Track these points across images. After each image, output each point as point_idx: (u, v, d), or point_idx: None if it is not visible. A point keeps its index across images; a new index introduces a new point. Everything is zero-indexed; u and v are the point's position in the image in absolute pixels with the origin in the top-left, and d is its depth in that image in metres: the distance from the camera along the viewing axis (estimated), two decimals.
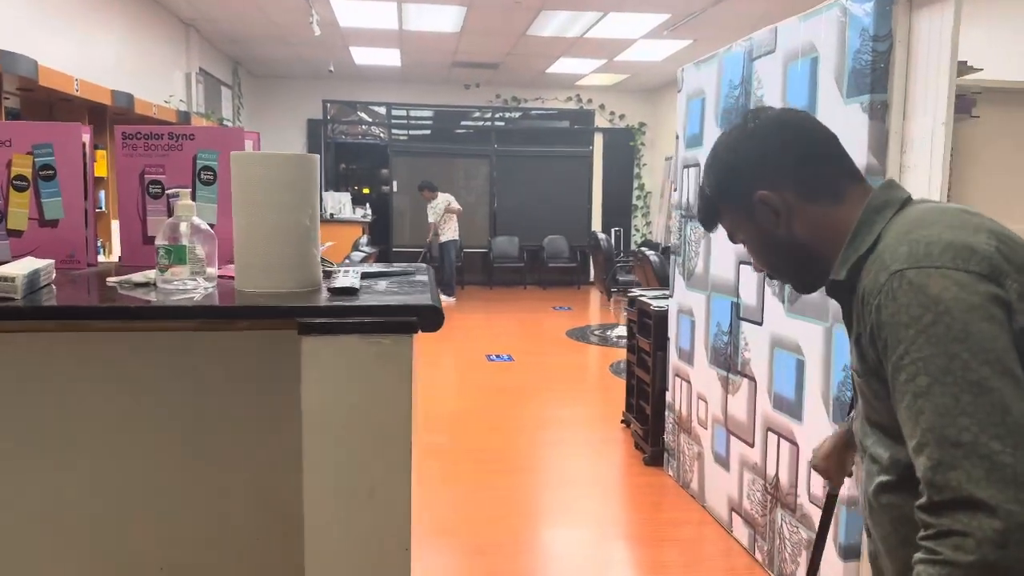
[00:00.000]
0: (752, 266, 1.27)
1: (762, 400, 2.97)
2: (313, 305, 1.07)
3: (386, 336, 1.02)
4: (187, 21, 7.84)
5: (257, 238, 1.14)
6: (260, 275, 1.15)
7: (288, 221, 1.15)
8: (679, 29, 7.62)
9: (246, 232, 1.15)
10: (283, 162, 1.16)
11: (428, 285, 1.26)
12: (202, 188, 1.49)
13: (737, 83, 3.18)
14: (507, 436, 4.65)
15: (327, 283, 1.22)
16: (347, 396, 1.02)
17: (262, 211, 1.14)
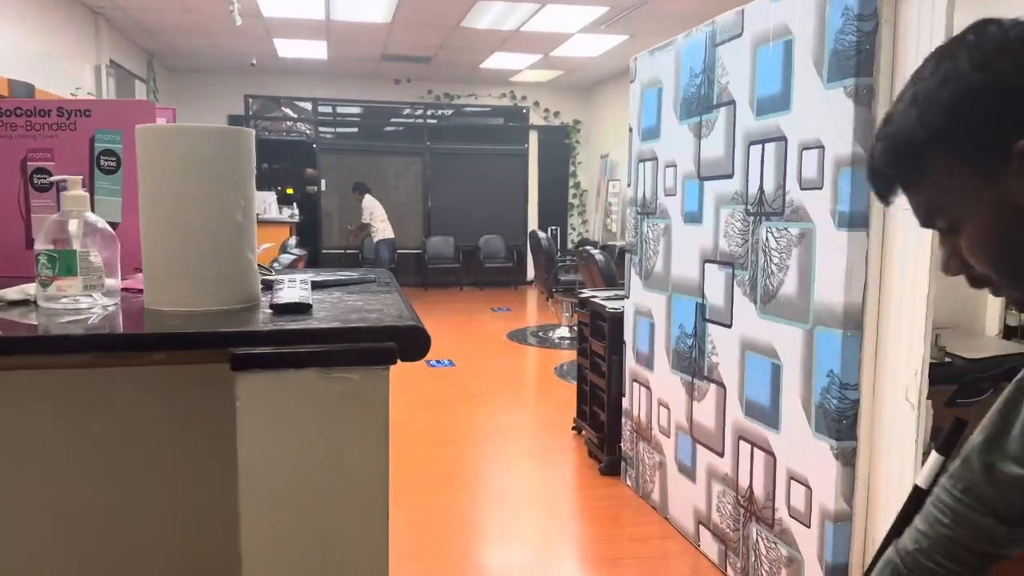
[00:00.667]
0: (948, 266, 0.83)
1: (732, 407, 2.79)
2: (251, 330, 0.79)
3: (354, 370, 0.76)
4: (96, 9, 7.30)
5: (172, 239, 0.86)
6: (177, 289, 0.87)
7: (213, 216, 0.86)
8: (616, 23, 7.48)
9: (157, 231, 0.87)
10: (206, 137, 0.87)
11: (399, 297, 1.00)
12: (102, 177, 1.19)
13: (699, 71, 2.99)
14: (452, 449, 4.38)
15: (268, 297, 0.94)
16: (300, 453, 0.75)
17: (178, 203, 0.85)
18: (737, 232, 2.73)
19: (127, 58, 8.54)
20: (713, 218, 2.89)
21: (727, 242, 2.80)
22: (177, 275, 0.87)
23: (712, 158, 2.90)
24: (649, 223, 3.44)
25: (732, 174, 2.76)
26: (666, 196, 3.28)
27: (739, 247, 2.72)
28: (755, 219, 2.62)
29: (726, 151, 2.80)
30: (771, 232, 2.53)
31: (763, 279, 2.58)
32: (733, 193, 2.75)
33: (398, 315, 0.87)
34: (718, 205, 2.86)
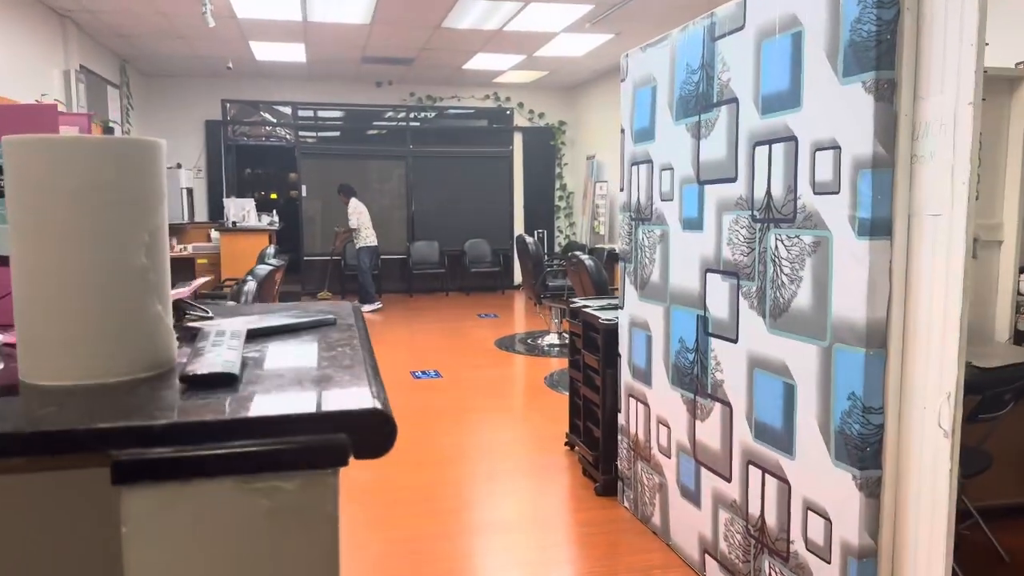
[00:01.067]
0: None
1: (740, 428, 2.59)
2: (139, 425, 0.57)
3: (289, 476, 0.54)
4: (62, 12, 7.02)
5: (50, 289, 0.64)
6: (58, 356, 0.65)
7: (107, 257, 0.65)
8: (602, 22, 7.28)
9: (30, 278, 0.65)
10: (96, 152, 0.65)
11: (361, 351, 0.79)
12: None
13: (696, 67, 2.79)
14: (439, 469, 4.16)
15: (188, 358, 0.73)
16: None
17: (59, 240, 0.63)
18: (742, 240, 2.53)
19: (99, 63, 8.26)
20: (715, 225, 2.69)
21: (731, 250, 2.59)
22: (58, 337, 0.65)
23: (713, 160, 2.70)
24: (644, 230, 3.24)
25: (736, 177, 2.56)
26: (662, 201, 3.07)
27: (744, 256, 2.52)
28: (762, 226, 2.42)
29: (728, 153, 2.60)
30: (781, 240, 2.33)
31: (773, 291, 2.38)
32: (737, 198, 2.55)
33: (355, 388, 0.66)
34: (720, 211, 2.66)
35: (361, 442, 0.58)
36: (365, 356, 0.77)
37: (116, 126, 8.52)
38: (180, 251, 9.17)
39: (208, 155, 10.79)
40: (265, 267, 5.55)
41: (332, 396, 0.64)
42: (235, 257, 8.60)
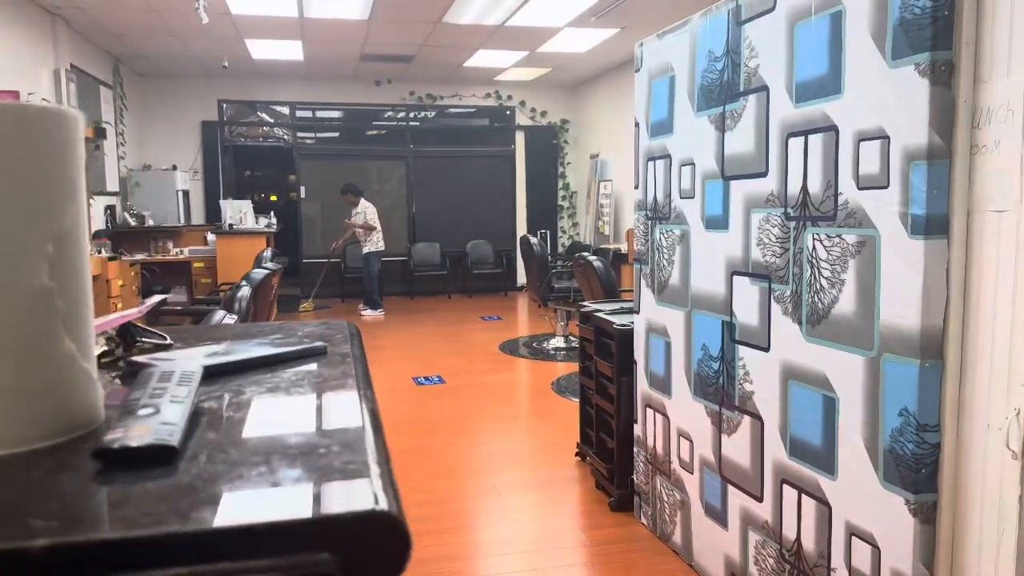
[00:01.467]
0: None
1: (773, 444, 2.39)
2: (13, 549, 0.36)
3: None
4: (51, 10, 6.83)
5: None
6: None
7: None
8: (607, 16, 7.09)
9: None
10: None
11: (360, 402, 0.59)
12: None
13: (720, 53, 2.59)
14: (443, 483, 3.96)
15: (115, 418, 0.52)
16: None
17: None
18: (774, 240, 2.33)
19: (91, 63, 8.07)
20: (742, 223, 2.49)
21: (761, 251, 2.40)
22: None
23: (739, 154, 2.50)
24: (662, 229, 3.04)
25: (766, 172, 2.36)
26: (682, 199, 2.87)
27: (777, 257, 2.32)
28: (798, 224, 2.22)
29: (757, 145, 2.40)
30: (819, 240, 2.13)
31: (810, 296, 2.18)
32: (768, 194, 2.35)
33: (349, 476, 0.45)
34: (748, 208, 2.46)
35: (356, 564, 0.38)
36: (365, 412, 0.57)
37: (108, 127, 8.32)
38: (176, 255, 8.98)
39: (205, 156, 10.59)
40: (261, 271, 5.35)
41: (311, 489, 0.44)
42: (232, 261, 8.39)
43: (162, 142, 10.20)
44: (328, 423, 0.57)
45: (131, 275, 7.82)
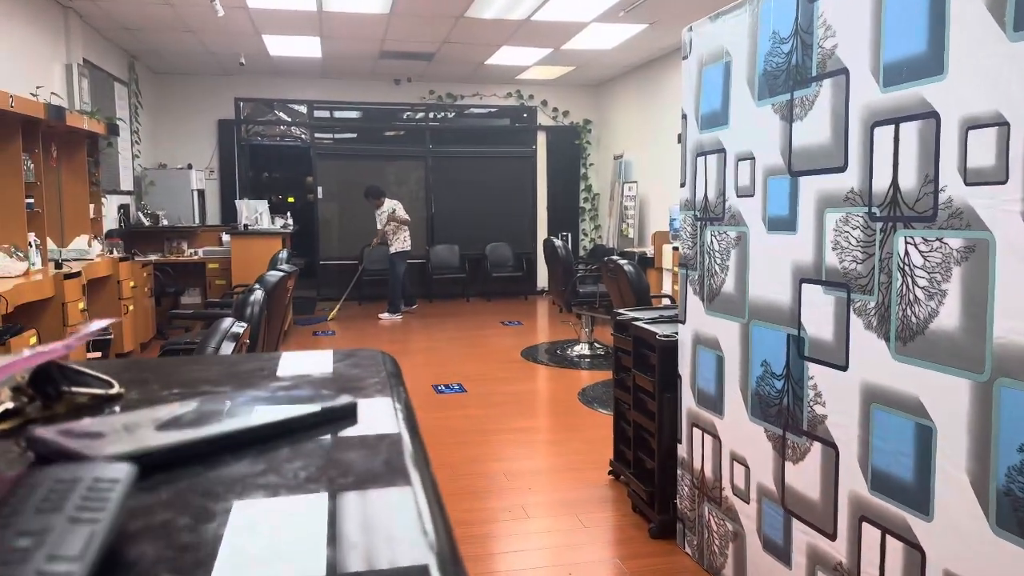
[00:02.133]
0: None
1: (850, 475, 2.10)
2: None
3: None
4: (64, 3, 6.63)
5: None
6: None
7: None
8: (636, 10, 6.80)
9: None
10: None
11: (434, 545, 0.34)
12: None
13: (787, 34, 2.31)
14: (466, 503, 3.69)
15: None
16: None
17: None
18: (855, 243, 2.04)
19: (105, 59, 7.87)
20: (814, 224, 2.21)
21: (838, 256, 2.11)
22: None
23: (811, 146, 2.22)
24: (714, 231, 2.76)
25: (844, 166, 2.08)
26: (739, 197, 2.59)
27: (858, 263, 2.03)
28: (885, 226, 1.94)
29: (834, 136, 2.12)
30: (913, 244, 1.84)
31: (901, 308, 1.89)
32: (847, 191, 2.07)
33: None
34: (822, 207, 2.17)
35: None
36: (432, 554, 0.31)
37: (123, 124, 8.13)
38: (191, 256, 8.78)
39: (221, 156, 10.39)
40: (276, 274, 5.10)
41: None
42: (247, 262, 8.17)
43: (178, 141, 10.01)
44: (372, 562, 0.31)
45: (143, 276, 7.61)
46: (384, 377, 0.57)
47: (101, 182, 7.08)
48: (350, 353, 0.64)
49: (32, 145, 5.24)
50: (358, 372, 0.58)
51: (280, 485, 0.40)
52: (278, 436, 0.45)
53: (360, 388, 0.55)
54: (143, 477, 0.36)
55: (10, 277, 4.66)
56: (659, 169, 9.10)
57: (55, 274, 5.05)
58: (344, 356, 0.63)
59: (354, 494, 0.40)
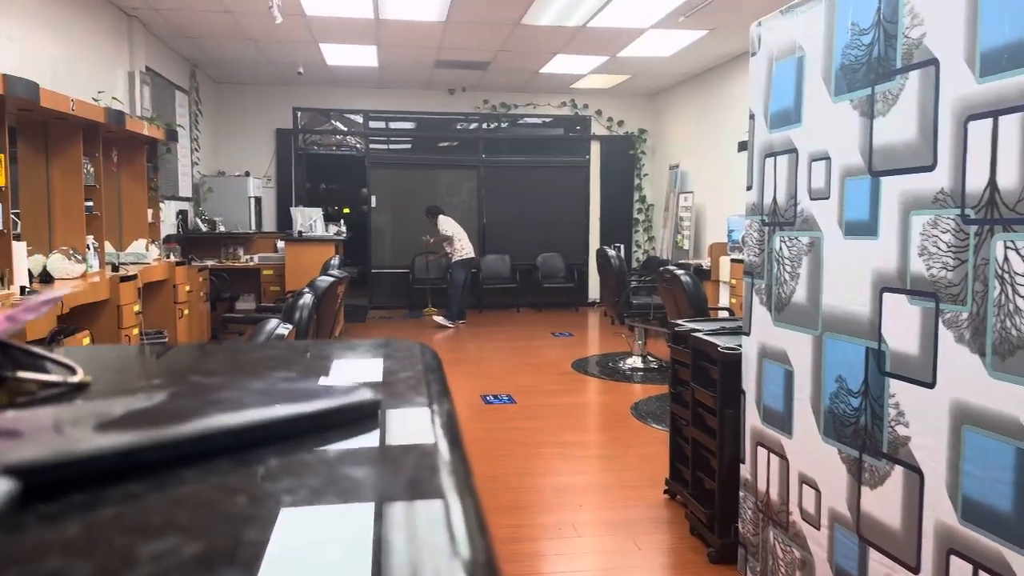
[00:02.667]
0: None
1: (937, 504, 1.91)
2: None
3: None
4: (129, 11, 6.76)
5: None
6: None
7: None
8: (697, 15, 6.64)
9: None
10: None
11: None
12: None
13: (868, 24, 2.15)
14: (513, 519, 3.56)
15: None
16: None
17: None
18: (944, 248, 1.87)
19: (168, 67, 8.02)
20: (898, 229, 2.03)
21: (925, 263, 1.93)
22: None
23: (894, 144, 2.05)
24: (783, 236, 2.59)
25: (933, 165, 1.90)
26: (812, 200, 2.42)
27: (949, 271, 1.85)
28: (981, 229, 1.76)
29: (922, 132, 1.94)
30: (1015, 248, 1.66)
31: (999, 320, 1.71)
32: (936, 192, 1.89)
33: None
34: (906, 210, 2.00)
35: None
36: None
37: (182, 130, 8.26)
38: (246, 262, 8.87)
39: (278, 164, 10.51)
40: (327, 279, 5.06)
41: None
42: (300, 268, 8.22)
43: (236, 149, 10.16)
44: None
45: (199, 281, 7.69)
46: (417, 369, 0.46)
47: (160, 187, 7.18)
48: (383, 343, 0.53)
49: (93, 149, 5.32)
50: (391, 365, 0.48)
51: (244, 515, 0.29)
52: (264, 441, 0.34)
53: (391, 381, 0.43)
54: (50, 499, 0.26)
55: (67, 279, 4.71)
56: (716, 179, 8.88)
57: (111, 277, 5.10)
58: (377, 346, 0.52)
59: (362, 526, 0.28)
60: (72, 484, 0.28)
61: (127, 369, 0.47)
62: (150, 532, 0.27)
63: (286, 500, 0.30)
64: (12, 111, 4.23)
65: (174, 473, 0.31)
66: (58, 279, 4.67)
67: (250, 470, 0.33)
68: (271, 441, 0.34)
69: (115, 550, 0.26)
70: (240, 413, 0.35)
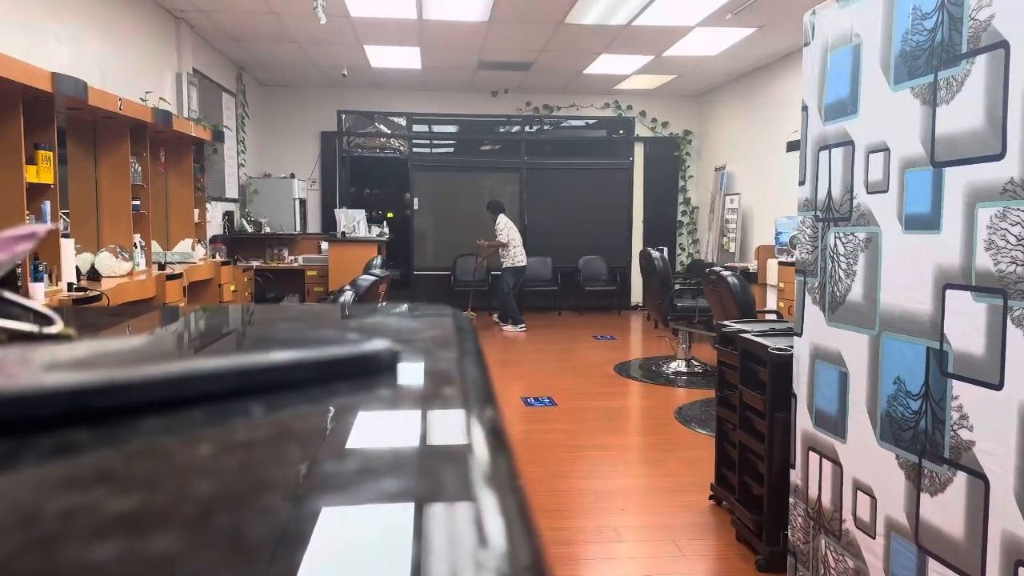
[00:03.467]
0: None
1: (1004, 512, 1.80)
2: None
3: None
4: (176, 13, 6.87)
5: None
6: None
7: None
8: (745, 12, 6.51)
9: None
10: None
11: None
12: None
13: (931, 8, 2.04)
14: (553, 521, 3.49)
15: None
16: None
17: None
18: (1014, 242, 1.76)
19: (215, 69, 8.14)
20: (962, 222, 1.92)
21: (992, 257, 1.82)
22: None
23: (959, 133, 1.94)
24: (838, 232, 2.49)
25: (1002, 153, 1.80)
26: (869, 194, 2.32)
27: (1018, 265, 1.74)
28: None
29: (989, 120, 1.84)
30: None
31: None
32: (1005, 183, 1.79)
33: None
34: (972, 202, 1.89)
35: None
36: None
37: (228, 131, 8.37)
38: (291, 263, 8.95)
39: (323, 166, 10.60)
40: (368, 278, 5.06)
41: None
42: (343, 269, 8.27)
43: (282, 151, 10.27)
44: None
45: (244, 280, 7.79)
46: (451, 330, 0.40)
47: (206, 188, 7.28)
48: (416, 310, 0.47)
49: (140, 149, 5.40)
50: (420, 327, 0.42)
51: (201, 469, 0.24)
52: (249, 391, 0.29)
53: (413, 340, 0.38)
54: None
55: (114, 276, 4.78)
56: (764, 180, 8.70)
57: (158, 275, 5.16)
58: (411, 313, 0.47)
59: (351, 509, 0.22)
60: (5, 429, 0.24)
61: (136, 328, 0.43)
62: (76, 486, 0.23)
63: (259, 457, 0.25)
64: (61, 110, 4.30)
65: (134, 423, 0.26)
66: (105, 276, 4.74)
67: (228, 421, 0.27)
68: (274, 389, 0.29)
69: (21, 508, 0.21)
70: (226, 357, 0.30)
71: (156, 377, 0.28)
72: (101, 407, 0.25)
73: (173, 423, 0.27)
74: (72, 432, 0.25)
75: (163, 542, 0.19)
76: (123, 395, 0.26)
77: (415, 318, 0.44)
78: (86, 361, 0.30)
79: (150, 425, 0.26)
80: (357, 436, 0.29)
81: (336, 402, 0.30)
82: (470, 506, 0.23)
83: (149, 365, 0.30)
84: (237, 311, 0.51)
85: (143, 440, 0.26)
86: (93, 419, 0.25)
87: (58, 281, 4.19)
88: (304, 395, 0.31)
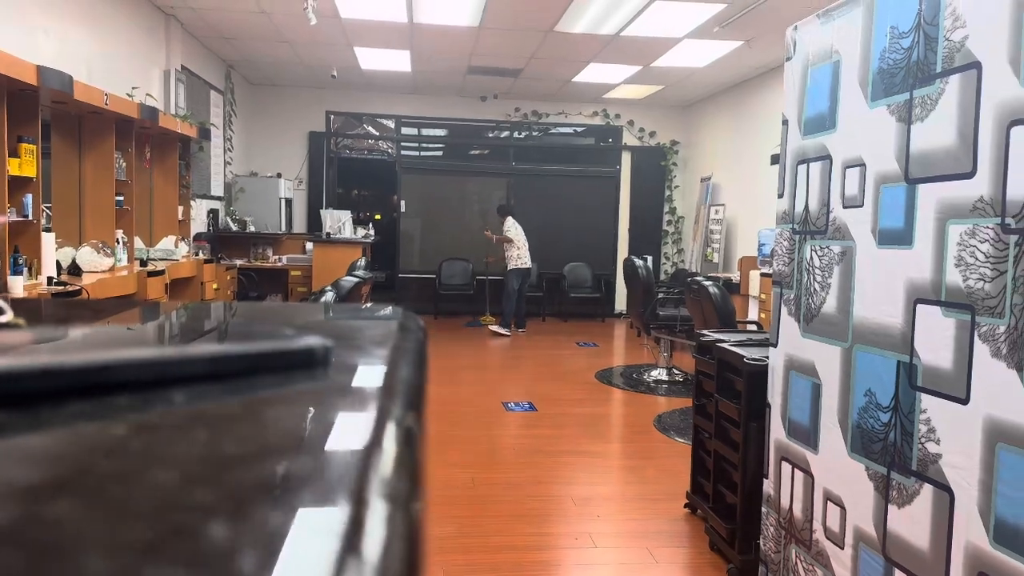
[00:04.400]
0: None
1: (968, 525, 1.83)
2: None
3: None
4: (166, 10, 6.85)
5: None
6: None
7: None
8: (733, 25, 6.57)
9: None
10: None
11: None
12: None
13: (908, 28, 2.08)
14: (528, 527, 3.50)
15: None
16: None
17: None
18: (982, 259, 1.79)
19: (203, 67, 8.11)
20: (933, 238, 1.96)
21: (962, 273, 1.86)
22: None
23: (932, 150, 1.98)
24: (814, 245, 2.52)
25: (973, 171, 1.83)
26: (845, 208, 2.35)
27: (986, 282, 1.78)
28: (1022, 239, 1.68)
29: (961, 138, 1.87)
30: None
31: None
32: (975, 200, 1.82)
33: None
34: (944, 218, 1.93)
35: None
36: None
37: (215, 129, 8.35)
38: (275, 262, 8.93)
39: (310, 167, 10.58)
40: (351, 279, 5.06)
41: None
42: (327, 269, 8.26)
43: (269, 150, 10.25)
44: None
45: (227, 279, 7.76)
46: (394, 330, 0.41)
47: (192, 185, 7.25)
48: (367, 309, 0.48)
49: (125, 144, 5.37)
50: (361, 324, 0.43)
51: (105, 448, 0.25)
52: (175, 381, 0.30)
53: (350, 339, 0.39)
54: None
55: (95, 272, 4.75)
56: (749, 192, 8.77)
57: (139, 271, 5.14)
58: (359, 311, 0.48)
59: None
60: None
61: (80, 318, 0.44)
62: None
63: (161, 439, 0.26)
64: (46, 103, 4.28)
65: (58, 407, 0.28)
66: (87, 271, 4.72)
67: (146, 407, 0.29)
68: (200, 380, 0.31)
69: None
70: (151, 348, 0.32)
71: (76, 364, 0.29)
72: (24, 391, 0.27)
73: (94, 408, 0.29)
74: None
75: (58, 509, 0.21)
76: (46, 380, 0.28)
77: (364, 318, 0.45)
78: (19, 348, 0.31)
79: (72, 409, 0.28)
80: (253, 430, 0.30)
81: (253, 395, 0.32)
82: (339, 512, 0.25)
83: (79, 353, 0.31)
84: (202, 308, 0.52)
85: (61, 421, 0.28)
86: (15, 402, 0.26)
87: (38, 275, 4.17)
88: (227, 387, 0.32)
